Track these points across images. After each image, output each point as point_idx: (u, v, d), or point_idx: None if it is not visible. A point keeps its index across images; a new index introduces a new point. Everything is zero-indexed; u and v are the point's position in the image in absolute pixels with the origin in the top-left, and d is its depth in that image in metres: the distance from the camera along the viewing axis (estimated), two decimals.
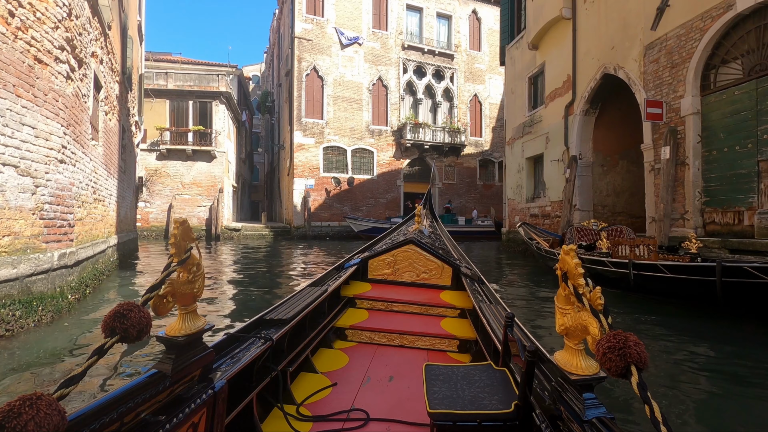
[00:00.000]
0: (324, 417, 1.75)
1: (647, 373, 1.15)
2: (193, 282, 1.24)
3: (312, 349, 2.37)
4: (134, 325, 0.97)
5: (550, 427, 1.14)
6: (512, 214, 14.70)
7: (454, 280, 3.58)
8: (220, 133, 21.43)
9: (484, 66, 26.25)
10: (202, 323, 1.26)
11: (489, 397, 1.36)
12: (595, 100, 10.80)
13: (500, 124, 26.62)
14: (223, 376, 1.35)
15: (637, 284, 6.03)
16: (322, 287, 2.80)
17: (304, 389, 2.00)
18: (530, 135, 13.38)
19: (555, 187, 12.02)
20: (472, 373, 1.54)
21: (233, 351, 1.59)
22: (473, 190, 25.85)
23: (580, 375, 1.07)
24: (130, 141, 11.68)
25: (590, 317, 1.02)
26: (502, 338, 1.75)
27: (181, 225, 1.21)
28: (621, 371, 0.86)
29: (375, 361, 2.41)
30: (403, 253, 3.70)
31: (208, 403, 1.23)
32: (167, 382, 1.11)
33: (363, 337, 2.76)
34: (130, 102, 11.27)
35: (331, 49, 22.47)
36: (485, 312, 2.31)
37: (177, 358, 1.16)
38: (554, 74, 12.14)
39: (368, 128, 23.17)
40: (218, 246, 17.54)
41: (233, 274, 9.15)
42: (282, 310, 2.14)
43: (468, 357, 2.57)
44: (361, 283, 3.55)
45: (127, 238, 10.82)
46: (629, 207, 11.54)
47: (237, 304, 6.21)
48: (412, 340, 2.70)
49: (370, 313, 3.04)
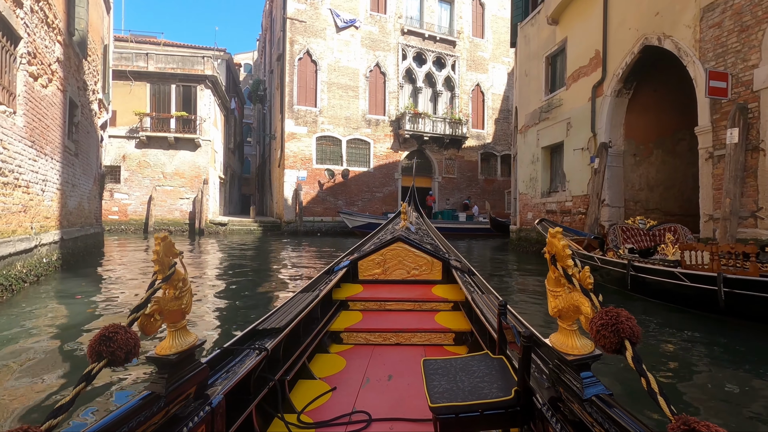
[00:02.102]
0: (326, 422, 1.69)
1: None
2: (180, 298, 1.18)
3: (308, 355, 2.29)
4: (121, 347, 0.93)
5: (551, 409, 1.13)
6: (524, 210, 13.06)
7: (445, 274, 3.55)
8: (205, 120, 19.56)
9: (488, 54, 24.52)
10: (193, 339, 1.21)
11: (489, 386, 1.32)
12: (630, 79, 9.15)
13: (503, 116, 24.96)
14: (220, 391, 1.31)
15: (729, 306, 4.41)
16: (314, 292, 2.72)
17: (304, 396, 1.92)
18: (547, 121, 11.72)
19: (577, 179, 10.39)
20: (470, 364, 1.49)
21: (228, 364, 1.53)
22: (474, 184, 24.19)
23: (576, 355, 1.05)
24: (89, 121, 9.87)
25: (581, 297, 1.02)
26: (496, 327, 1.71)
27: (163, 240, 1.13)
28: (615, 347, 0.86)
29: (373, 362, 2.35)
30: (392, 251, 3.63)
31: (206, 420, 1.19)
32: (162, 402, 1.06)
33: (359, 338, 2.70)
34: (87, 74, 9.46)
35: (325, 31, 20.62)
36: (478, 302, 2.33)
37: (170, 377, 1.11)
38: (578, 51, 10.47)
39: (365, 117, 21.40)
40: (200, 241, 15.78)
41: (214, 280, 7.43)
42: (275, 318, 2.07)
43: (465, 348, 2.55)
44: (352, 285, 3.47)
45: (80, 233, 9.05)
46: (664, 203, 9.94)
47: (217, 314, 4.58)
48: (408, 337, 2.66)
49: (364, 314, 2.99)
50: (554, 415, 1.12)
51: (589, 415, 0.97)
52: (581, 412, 1.00)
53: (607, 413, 0.92)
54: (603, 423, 0.92)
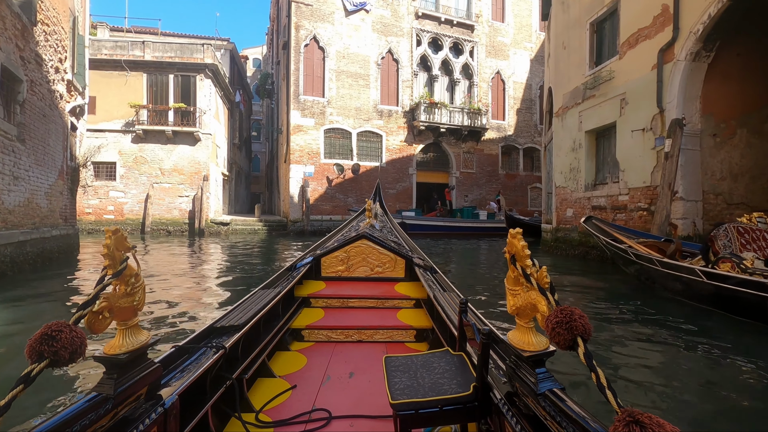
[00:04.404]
0: (285, 421, 1.65)
1: None
2: (132, 295, 1.12)
3: (268, 353, 2.22)
4: (66, 347, 0.86)
5: (508, 404, 1.15)
6: (562, 206, 10.97)
7: (408, 272, 3.50)
8: (205, 112, 17.87)
9: (508, 39, 22.32)
10: (145, 338, 1.15)
11: (448, 382, 1.32)
12: (712, 37, 7.02)
13: (526, 105, 22.75)
14: (174, 392, 1.25)
15: None
16: (275, 289, 2.65)
17: (263, 395, 1.85)
18: (594, 99, 9.61)
19: (636, 167, 8.29)
20: (431, 361, 1.49)
21: (183, 364, 1.47)
22: (495, 180, 22.04)
23: (532, 351, 1.06)
24: (49, 103, 8.17)
25: (539, 296, 1.03)
26: (457, 324, 1.72)
27: (114, 234, 1.08)
28: (569, 343, 0.88)
29: (334, 359, 2.30)
30: (356, 248, 3.53)
31: (158, 421, 1.13)
32: (109, 404, 1.01)
33: (320, 336, 2.61)
34: (44, 47, 7.75)
35: (333, 16, 18.74)
36: (440, 300, 2.32)
37: (119, 377, 1.05)
38: (637, 10, 8.35)
39: (376, 108, 19.46)
40: (200, 242, 14.09)
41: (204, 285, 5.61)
42: (233, 316, 2.00)
43: (426, 345, 2.52)
44: (314, 282, 3.34)
45: (32, 236, 7.35)
46: (751, 195, 7.77)
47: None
48: (370, 334, 2.59)
49: (326, 311, 2.89)
50: (510, 410, 1.13)
51: (543, 408, 0.98)
52: (535, 406, 1.02)
53: (559, 407, 0.94)
54: (555, 416, 0.94)
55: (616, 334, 3.97)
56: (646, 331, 4.07)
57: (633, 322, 4.40)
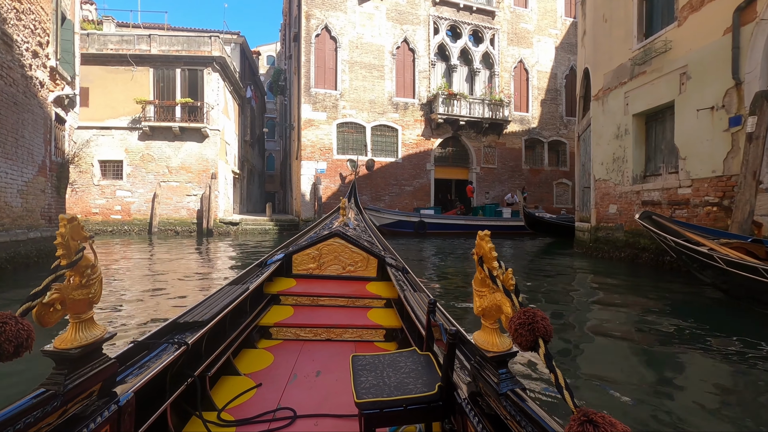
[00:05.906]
0: (248, 420, 1.58)
1: None
2: (87, 287, 1.05)
3: (234, 350, 2.11)
4: (10, 340, 0.80)
5: (471, 403, 1.15)
6: (603, 201, 9.49)
7: (380, 271, 3.42)
8: (213, 107, 16.93)
9: (532, 26, 20.70)
10: (100, 332, 1.08)
11: (414, 382, 1.31)
12: None
13: (551, 96, 21.10)
14: (130, 389, 1.18)
15: None
16: (243, 285, 2.54)
17: (226, 393, 1.77)
18: (644, 77, 8.13)
19: (701, 154, 6.81)
20: (398, 360, 1.48)
21: (142, 360, 1.39)
22: (518, 175, 20.48)
23: (495, 352, 1.06)
24: (23, 90, 7.20)
25: (504, 297, 1.03)
26: (425, 324, 1.70)
27: (69, 222, 1.01)
28: (531, 344, 0.87)
29: (302, 358, 2.23)
30: (329, 246, 3.42)
31: (111, 419, 1.08)
32: (58, 401, 0.95)
33: (288, 334, 2.53)
34: (14, 26, 6.78)
35: (346, 4, 17.55)
36: (410, 300, 2.28)
37: (69, 373, 0.99)
38: None
39: (391, 101, 18.19)
40: (208, 243, 13.13)
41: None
42: (198, 311, 1.90)
43: (394, 345, 2.47)
44: (285, 279, 3.22)
45: (5, 238, 6.39)
46: None
47: None
48: (340, 332, 2.53)
49: (296, 309, 2.81)
50: (473, 409, 1.13)
51: (504, 408, 0.98)
52: (497, 405, 1.02)
53: (520, 406, 0.94)
54: (515, 416, 0.93)
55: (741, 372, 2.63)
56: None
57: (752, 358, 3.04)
